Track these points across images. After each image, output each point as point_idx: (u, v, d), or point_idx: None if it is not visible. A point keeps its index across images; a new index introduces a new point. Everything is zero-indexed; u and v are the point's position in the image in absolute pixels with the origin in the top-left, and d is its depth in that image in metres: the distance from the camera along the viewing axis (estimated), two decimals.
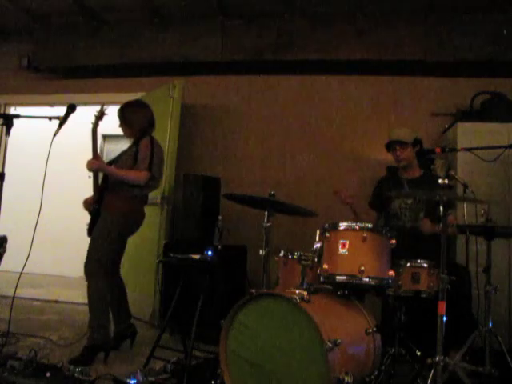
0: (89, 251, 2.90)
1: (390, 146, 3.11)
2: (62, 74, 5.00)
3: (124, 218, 2.97)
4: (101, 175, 3.04)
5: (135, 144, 3.04)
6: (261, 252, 2.44)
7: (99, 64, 4.77)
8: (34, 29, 4.89)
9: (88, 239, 3.00)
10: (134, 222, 3.06)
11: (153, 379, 2.33)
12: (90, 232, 3.00)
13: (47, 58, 4.92)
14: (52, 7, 4.52)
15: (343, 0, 4.09)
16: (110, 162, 3.07)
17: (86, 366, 2.45)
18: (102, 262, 2.87)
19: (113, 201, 2.95)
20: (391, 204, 3.10)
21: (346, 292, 2.31)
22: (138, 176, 2.90)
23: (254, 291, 2.14)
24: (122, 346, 3.04)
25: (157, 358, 2.60)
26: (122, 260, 3.24)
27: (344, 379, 1.86)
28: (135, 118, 3.12)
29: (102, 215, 2.95)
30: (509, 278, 3.35)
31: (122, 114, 3.14)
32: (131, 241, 4.34)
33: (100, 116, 2.99)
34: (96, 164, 2.86)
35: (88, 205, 3.12)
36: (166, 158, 4.01)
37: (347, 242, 2.22)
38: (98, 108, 3.03)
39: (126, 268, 4.38)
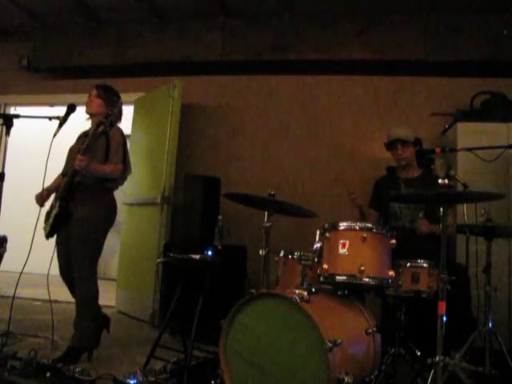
0: (77, 254, 2.72)
1: (391, 144, 3.10)
2: (61, 74, 5.01)
3: (105, 212, 2.84)
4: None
5: (104, 134, 2.76)
6: (261, 252, 2.44)
7: (99, 64, 4.77)
8: (34, 29, 4.90)
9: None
10: (112, 215, 2.91)
11: (153, 379, 2.33)
12: (52, 233, 2.81)
13: (47, 58, 4.92)
14: (52, 7, 4.52)
15: (343, 0, 4.09)
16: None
17: (70, 366, 2.39)
18: (95, 263, 2.80)
19: (89, 197, 2.77)
20: (390, 204, 3.10)
21: (346, 292, 2.30)
22: (116, 170, 2.79)
23: (254, 291, 2.14)
24: (122, 346, 3.05)
25: (157, 358, 2.59)
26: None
27: (344, 379, 1.86)
28: (116, 103, 2.92)
29: (79, 214, 2.73)
30: (509, 278, 3.35)
31: (105, 91, 2.96)
32: (131, 241, 4.36)
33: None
34: (85, 161, 2.62)
35: (42, 200, 2.89)
36: (166, 158, 4.04)
37: (347, 242, 2.22)
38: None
39: (126, 268, 4.40)
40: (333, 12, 4.26)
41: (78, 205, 2.75)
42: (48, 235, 2.83)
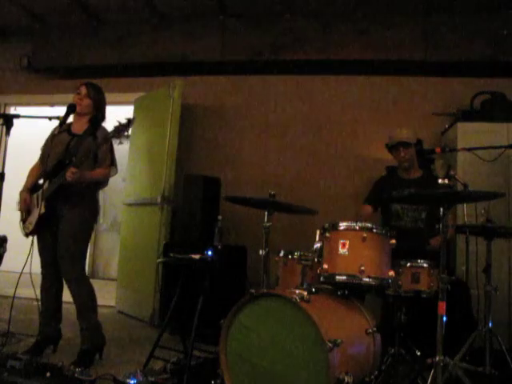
0: (69, 255, 2.68)
1: (393, 146, 3.11)
2: (61, 74, 5.00)
3: (91, 214, 2.82)
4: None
5: (91, 134, 2.73)
6: (261, 252, 2.44)
7: (99, 64, 4.76)
8: (34, 29, 4.90)
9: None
10: (97, 216, 2.90)
11: (153, 379, 2.32)
12: (34, 232, 2.74)
13: (47, 58, 4.92)
14: (52, 7, 4.52)
15: (343, 0, 4.09)
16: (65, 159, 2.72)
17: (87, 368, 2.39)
18: (84, 263, 2.82)
19: (76, 198, 2.72)
20: (391, 204, 3.10)
21: (346, 292, 2.30)
22: (106, 174, 2.78)
23: (253, 291, 2.13)
24: (122, 346, 3.05)
25: (157, 358, 2.59)
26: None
27: (344, 379, 1.86)
28: (104, 105, 2.91)
29: (68, 216, 2.70)
30: (509, 277, 3.35)
31: (96, 92, 2.88)
32: (131, 241, 4.36)
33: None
34: (77, 174, 2.59)
35: (26, 205, 2.86)
36: (166, 158, 4.04)
37: (347, 242, 2.22)
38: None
39: (126, 268, 4.40)
40: (333, 12, 4.26)
41: (65, 205, 2.71)
42: (31, 233, 2.77)
